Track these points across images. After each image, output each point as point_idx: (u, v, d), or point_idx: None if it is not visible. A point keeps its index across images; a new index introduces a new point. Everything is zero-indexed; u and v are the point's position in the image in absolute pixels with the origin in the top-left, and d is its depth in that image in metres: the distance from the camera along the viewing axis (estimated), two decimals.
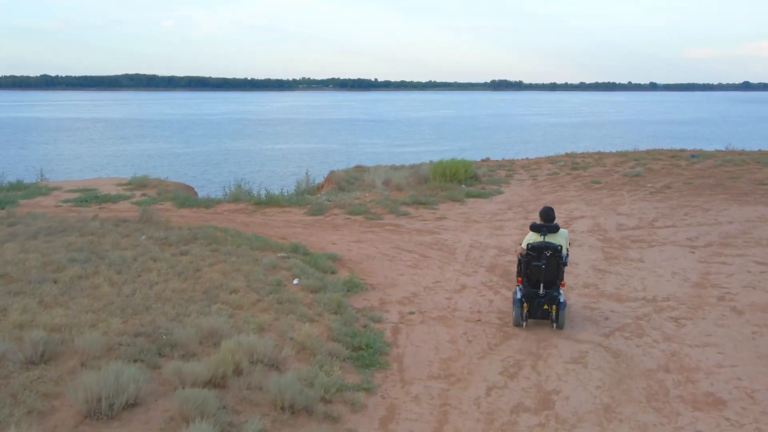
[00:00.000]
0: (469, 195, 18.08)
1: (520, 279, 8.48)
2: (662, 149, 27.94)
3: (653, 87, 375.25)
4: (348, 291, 9.50)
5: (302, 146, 62.63)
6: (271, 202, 16.64)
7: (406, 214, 15.89)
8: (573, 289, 10.15)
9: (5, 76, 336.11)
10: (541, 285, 8.23)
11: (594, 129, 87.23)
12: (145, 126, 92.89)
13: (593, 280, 10.71)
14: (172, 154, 55.37)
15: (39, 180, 22.50)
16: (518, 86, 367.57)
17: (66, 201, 17.42)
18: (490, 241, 13.29)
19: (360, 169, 22.64)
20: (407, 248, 12.68)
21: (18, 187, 19.77)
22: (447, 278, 10.71)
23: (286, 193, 19.87)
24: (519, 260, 8.60)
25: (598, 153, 26.80)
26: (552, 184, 20.22)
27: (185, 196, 17.33)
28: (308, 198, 17.44)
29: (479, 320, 8.81)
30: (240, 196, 17.08)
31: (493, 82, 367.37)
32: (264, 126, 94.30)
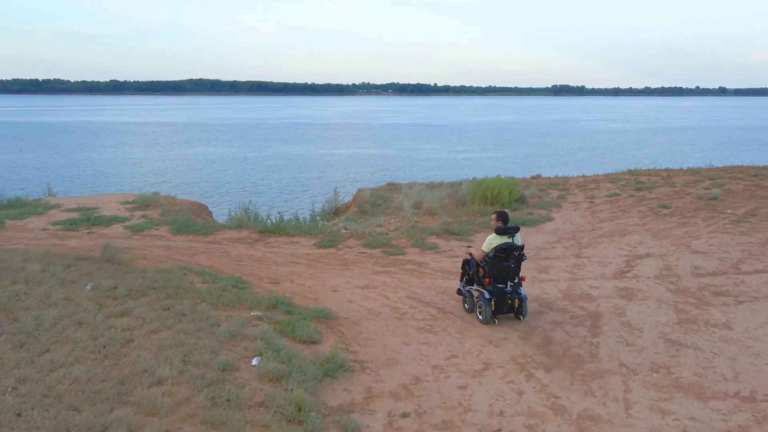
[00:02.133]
0: (512, 222, 15.36)
1: (488, 280, 9.02)
2: (742, 166, 24.46)
3: (722, 92, 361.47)
4: (325, 376, 7.04)
5: (362, 151, 62.34)
6: (277, 230, 14.32)
7: (433, 248, 13.35)
8: (636, 374, 7.48)
9: (78, 81, 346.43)
10: (508, 282, 9.06)
11: (661, 135, 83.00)
12: (209, 130, 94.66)
13: (664, 358, 7.97)
14: (233, 158, 56.12)
15: (46, 195, 20.88)
16: (580, 91, 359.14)
17: (56, 223, 15.53)
18: (531, 290, 10.64)
19: (392, 187, 20.13)
20: (425, 298, 10.16)
21: (16, 204, 18.03)
22: (466, 350, 8.15)
23: (307, 215, 17.68)
24: (471, 262, 9.49)
25: (666, 170, 23.57)
26: (612, 208, 17.31)
27: (185, 221, 15.18)
28: (322, 225, 15.06)
29: None
30: (244, 222, 14.82)
31: (554, 87, 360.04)
32: (324, 131, 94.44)
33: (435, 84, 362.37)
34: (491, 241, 9.04)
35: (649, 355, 8.06)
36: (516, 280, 9.11)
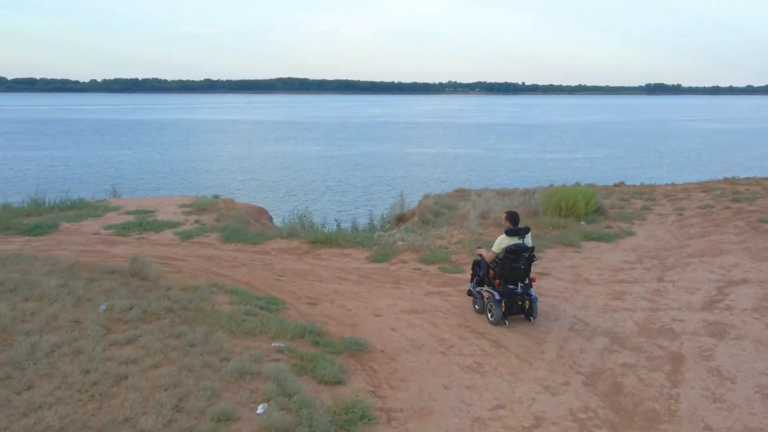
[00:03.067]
0: (587, 236, 13.89)
1: (498, 281, 8.95)
2: None
3: None
4: (341, 428, 5.97)
5: (448, 151, 62.35)
6: (329, 240, 13.37)
7: None
8: None
9: (174, 80, 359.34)
10: (519, 284, 9.00)
11: (763, 137, 77.95)
12: (297, 128, 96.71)
13: (761, 421, 6.50)
14: (320, 156, 57.19)
15: (111, 197, 20.75)
16: (676, 90, 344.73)
17: (110, 227, 15.13)
18: (602, 321, 9.26)
19: (460, 193, 18.87)
20: (478, 328, 8.95)
21: (78, 205, 17.86)
22: (517, 398, 6.91)
23: (376, 220, 16.74)
24: (482, 263, 9.41)
25: None
26: (704, 222, 15.51)
27: (236, 228, 14.46)
28: (378, 236, 14.00)
29: None
30: (295, 232, 13.94)
31: (648, 85, 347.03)
32: (410, 129, 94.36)
33: (523, 83, 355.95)
34: (501, 242, 9.00)
35: (743, 416, 6.60)
36: (526, 281, 9.07)
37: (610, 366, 7.78)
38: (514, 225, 9.15)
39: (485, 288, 9.25)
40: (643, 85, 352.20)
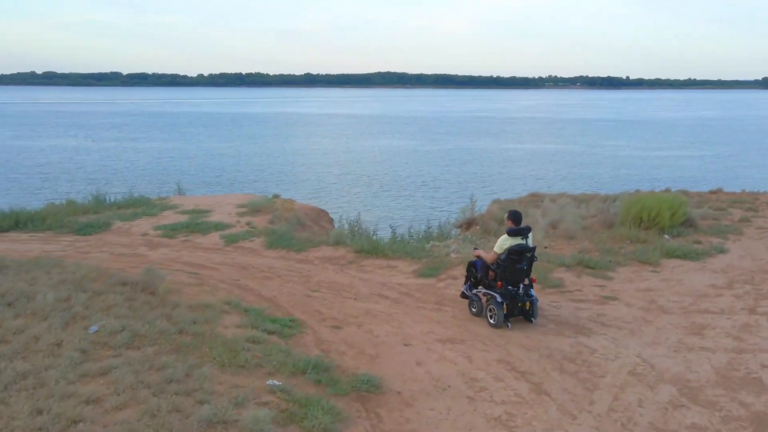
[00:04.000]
0: (670, 253, 12.17)
1: (500, 283, 8.72)
2: None
3: None
4: None
5: (547, 147, 60.93)
6: (375, 250, 12.28)
7: (556, 286, 10.65)
8: None
9: (276, 75, 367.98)
10: (521, 285, 8.85)
11: None
12: (394, 122, 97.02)
13: None
14: (416, 151, 57.27)
15: (176, 194, 20.47)
16: None
17: (160, 227, 14.65)
18: (672, 363, 7.76)
19: (533, 198, 17.32)
20: (520, 365, 7.66)
21: (139, 203, 17.60)
22: None
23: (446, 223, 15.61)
24: (478, 264, 9.13)
25: None
26: None
27: (282, 233, 13.63)
28: (431, 246, 12.80)
29: None
30: (343, 239, 12.93)
31: (765, 79, 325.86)
32: (508, 125, 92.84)
33: (627, 77, 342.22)
34: (503, 242, 8.79)
35: None
36: (527, 282, 8.93)
37: (674, 427, 6.34)
38: (516, 225, 8.85)
39: (483, 290, 9.05)
40: (760, 78, 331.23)
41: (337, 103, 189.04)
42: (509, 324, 8.77)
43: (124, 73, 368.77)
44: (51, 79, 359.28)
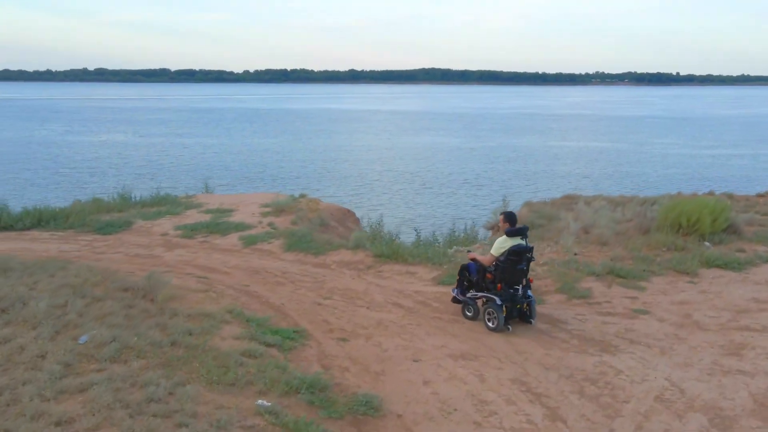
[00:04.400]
0: (710, 262, 11.36)
1: (500, 285, 8.51)
2: None
3: None
4: None
5: (593, 144, 59.94)
6: (394, 255, 11.75)
7: (584, 296, 9.98)
8: None
9: (320, 71, 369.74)
10: (521, 286, 8.61)
11: None
12: (438, 119, 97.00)
13: None
14: (459, 148, 57.20)
15: (204, 192, 20.29)
16: None
17: (181, 227, 14.39)
18: (704, 389, 7.08)
19: (567, 200, 16.56)
20: (536, 386, 7.08)
21: (164, 201, 17.42)
22: None
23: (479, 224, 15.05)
24: (472, 267, 8.94)
25: None
26: None
27: (302, 235, 13.19)
28: (454, 251, 12.22)
29: None
30: (362, 243, 12.44)
31: None
32: (554, 122, 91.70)
33: (677, 73, 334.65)
34: (502, 244, 8.58)
35: None
36: (524, 283, 8.72)
37: None
38: (512, 225, 8.67)
39: (480, 293, 8.85)
40: None
41: (381, 99, 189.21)
42: (509, 327, 8.57)
43: (173, 69, 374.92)
44: (102, 75, 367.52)
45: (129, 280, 9.02)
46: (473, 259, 9.01)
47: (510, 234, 8.57)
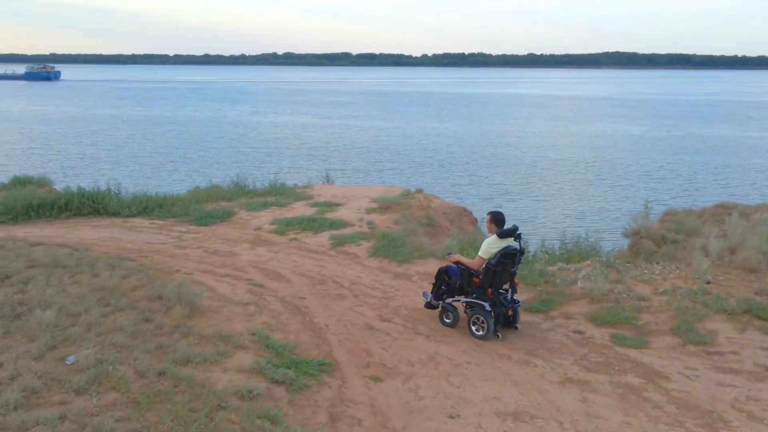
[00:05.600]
0: None
1: (490, 290, 7.97)
2: None
3: None
4: None
5: None
6: None
7: (703, 342, 7.89)
8: None
9: (498, 55, 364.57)
10: (509, 290, 8.24)
11: None
12: (620, 106, 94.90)
13: None
14: (643, 137, 54.40)
15: (324, 182, 19.65)
16: None
17: (278, 221, 13.72)
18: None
19: (721, 209, 13.81)
20: None
21: (277, 191, 16.92)
22: None
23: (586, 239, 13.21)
24: (453, 271, 8.40)
25: None
26: None
27: (394, 238, 11.93)
28: (558, 269, 10.37)
29: None
30: (452, 251, 10.92)
31: None
32: (754, 110, 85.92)
33: None
34: (492, 245, 8.00)
35: None
36: (507, 286, 8.32)
37: None
38: (500, 226, 8.06)
39: (463, 299, 8.29)
40: None
41: (560, 84, 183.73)
42: (499, 334, 8.00)
43: (354, 53, 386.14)
44: (289, 59, 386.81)
45: (168, 286, 8.24)
46: (456, 262, 8.35)
47: (502, 235, 7.98)
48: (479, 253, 8.06)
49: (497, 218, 8.13)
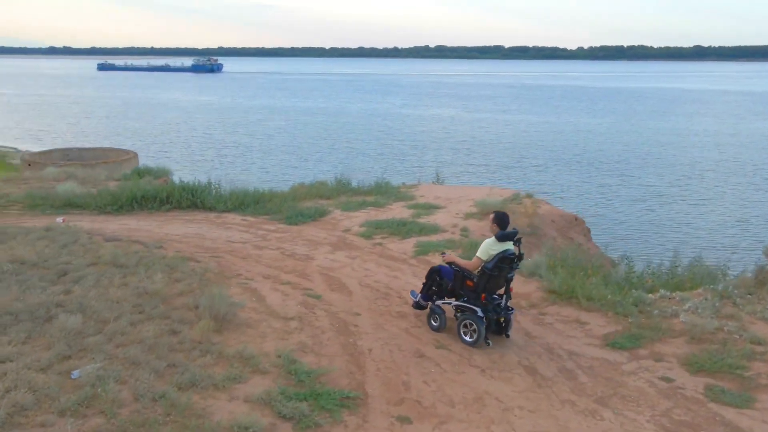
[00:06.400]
0: None
1: (483, 295, 7.56)
2: None
3: None
4: None
5: None
6: (571, 292, 8.93)
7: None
8: None
9: (660, 48, 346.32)
10: (503, 297, 7.81)
11: None
12: None
13: None
14: None
15: (435, 181, 18.86)
16: None
17: (368, 223, 13.15)
18: None
19: None
20: None
21: (377, 190, 16.36)
22: None
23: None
24: (445, 272, 7.98)
25: None
26: None
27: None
28: (658, 298, 8.91)
29: None
30: (539, 270, 9.76)
31: None
32: None
33: None
34: (490, 247, 7.51)
35: None
36: (502, 292, 7.81)
37: None
38: (503, 228, 7.63)
39: (450, 301, 7.89)
40: None
41: (731, 78, 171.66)
42: (490, 342, 7.57)
43: (506, 46, 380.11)
44: (441, 52, 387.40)
45: (208, 295, 7.76)
46: (451, 263, 7.85)
47: (501, 238, 7.54)
48: (477, 254, 7.63)
49: (500, 219, 7.70)
